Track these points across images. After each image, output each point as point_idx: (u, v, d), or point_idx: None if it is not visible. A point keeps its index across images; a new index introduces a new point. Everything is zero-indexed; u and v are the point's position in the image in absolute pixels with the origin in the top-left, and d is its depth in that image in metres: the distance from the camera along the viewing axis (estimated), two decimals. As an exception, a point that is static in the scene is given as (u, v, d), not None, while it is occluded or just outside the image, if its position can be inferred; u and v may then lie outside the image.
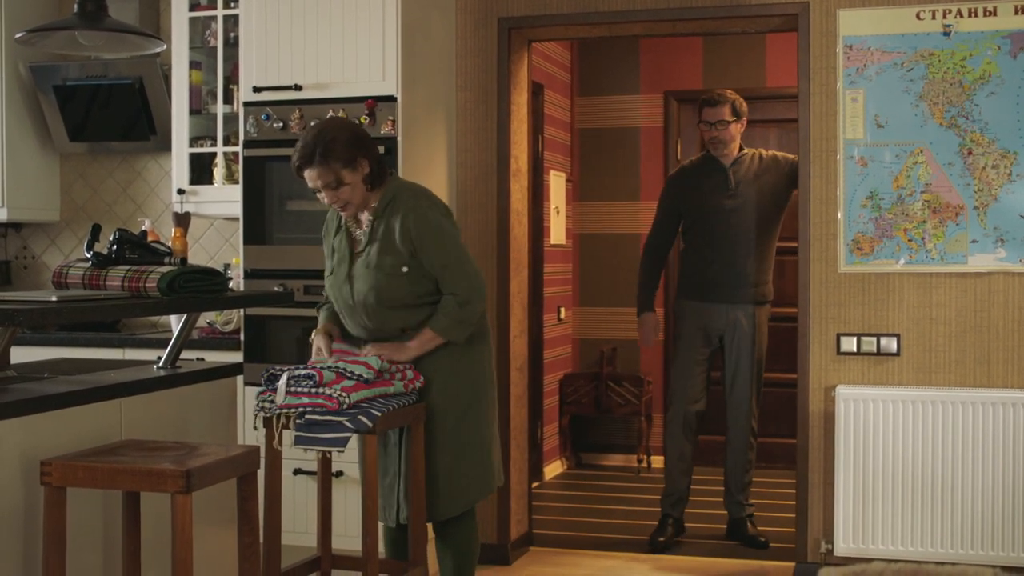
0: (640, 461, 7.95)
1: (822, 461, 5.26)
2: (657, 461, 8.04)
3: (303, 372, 3.76)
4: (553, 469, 7.81)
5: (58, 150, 6.31)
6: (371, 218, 4.10)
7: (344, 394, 3.71)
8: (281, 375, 3.80)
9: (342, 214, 4.11)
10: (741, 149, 6.06)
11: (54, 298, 3.27)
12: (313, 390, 3.72)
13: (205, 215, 5.85)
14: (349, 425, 3.71)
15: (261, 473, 3.61)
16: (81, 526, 3.31)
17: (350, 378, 3.77)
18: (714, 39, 7.96)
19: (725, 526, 6.23)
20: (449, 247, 4.04)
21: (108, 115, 6.04)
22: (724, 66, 8.00)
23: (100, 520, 3.41)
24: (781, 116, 7.93)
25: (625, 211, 8.18)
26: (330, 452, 3.87)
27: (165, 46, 4.26)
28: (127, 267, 3.65)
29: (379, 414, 3.76)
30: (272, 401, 3.78)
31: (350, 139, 4.00)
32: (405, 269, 4.02)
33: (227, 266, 5.77)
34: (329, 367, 3.80)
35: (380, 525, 4.24)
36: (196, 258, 6.04)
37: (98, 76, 5.98)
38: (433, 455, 4.06)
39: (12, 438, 3.16)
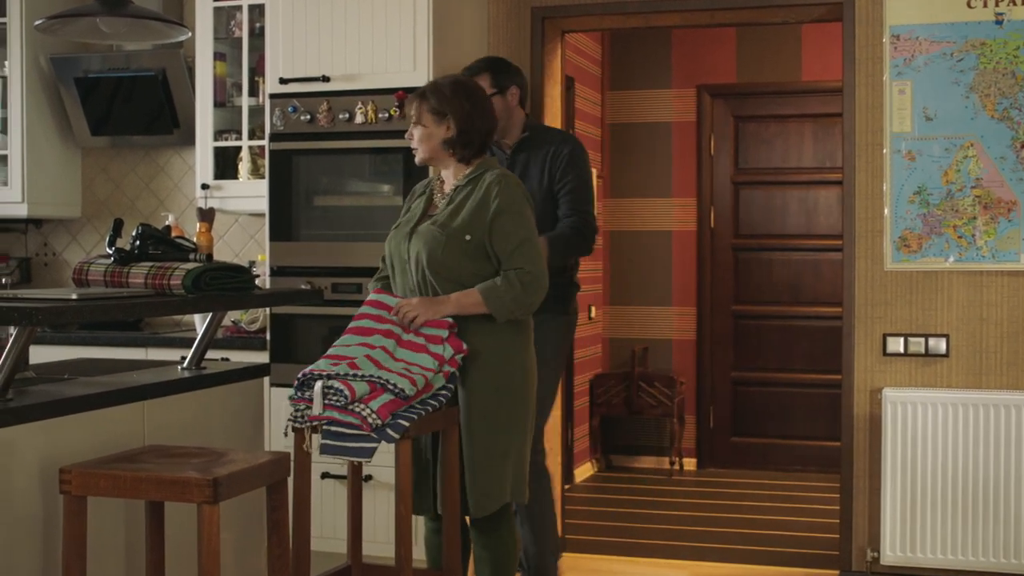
0: (672, 464, 7.77)
1: (867, 466, 5.07)
2: (690, 464, 7.88)
3: (337, 385, 3.56)
4: (583, 471, 7.64)
5: (79, 144, 6.17)
6: (456, 185, 3.98)
7: (376, 416, 3.55)
8: (315, 382, 3.62)
9: (414, 150, 4.01)
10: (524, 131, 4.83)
11: (74, 296, 3.12)
12: (347, 406, 3.56)
13: (230, 211, 5.70)
14: (375, 436, 3.57)
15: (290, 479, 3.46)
16: (102, 535, 3.16)
17: (390, 391, 3.60)
18: (748, 31, 7.77)
19: (764, 532, 6.04)
20: (529, 226, 3.89)
21: (130, 108, 5.89)
22: (758, 59, 7.82)
23: (122, 529, 3.26)
24: (817, 111, 7.75)
25: (656, 208, 8.01)
26: (357, 461, 3.71)
27: (189, 34, 4.11)
28: (150, 263, 3.49)
29: (407, 424, 3.60)
30: (309, 409, 3.62)
31: (456, 95, 3.91)
32: (468, 237, 3.85)
33: (252, 263, 5.63)
34: (364, 377, 3.59)
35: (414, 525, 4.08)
36: (221, 255, 5.88)
37: (120, 68, 5.84)
38: (472, 445, 3.89)
39: (30, 443, 3.01)
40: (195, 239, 3.76)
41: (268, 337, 5.18)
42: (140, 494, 2.78)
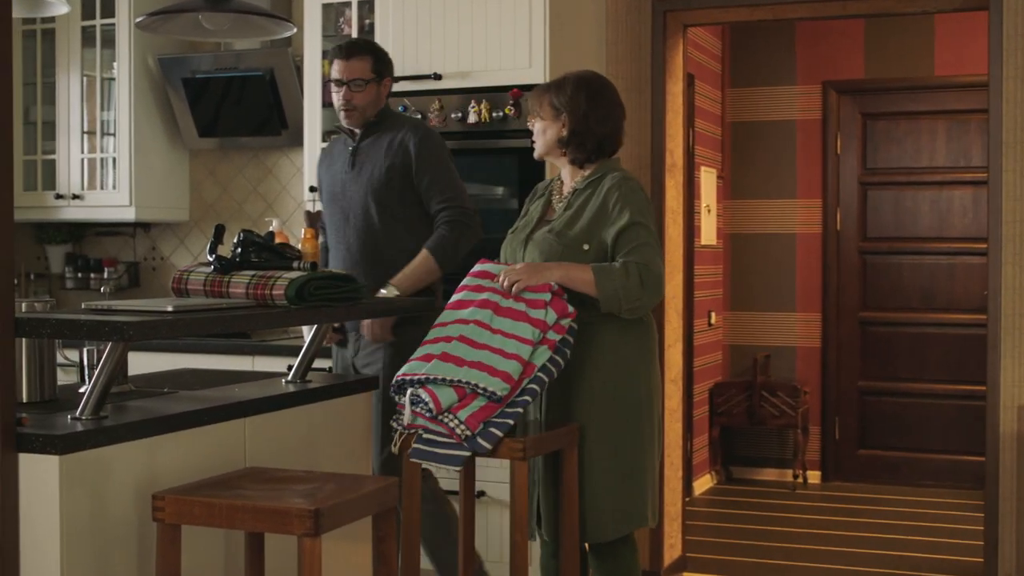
0: (796, 476, 7.45)
1: (1016, 488, 4.72)
2: (814, 477, 7.55)
3: (423, 396, 3.39)
4: (703, 484, 7.35)
5: (187, 146, 6.04)
6: (573, 188, 3.75)
7: (464, 427, 3.37)
8: (407, 388, 3.45)
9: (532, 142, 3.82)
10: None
11: (169, 308, 2.93)
12: (435, 416, 3.40)
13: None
14: (466, 446, 3.39)
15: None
16: (200, 564, 2.96)
17: (481, 395, 3.38)
18: (876, 23, 7.42)
19: (895, 553, 5.70)
20: (647, 224, 3.62)
21: (238, 109, 5.75)
22: (888, 53, 7.45)
23: (221, 558, 3.06)
24: (952, 107, 7.39)
25: (780, 209, 7.69)
26: (450, 468, 3.50)
27: (295, 29, 3.92)
28: (252, 272, 3.30)
29: (500, 435, 3.39)
30: (402, 415, 3.48)
31: (576, 93, 3.70)
32: (586, 247, 3.62)
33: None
34: (451, 382, 3.39)
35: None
36: (329, 260, 5.70)
37: (228, 68, 5.69)
38: (591, 465, 3.64)
39: (125, 464, 2.82)
40: (300, 245, 3.55)
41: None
42: (236, 524, 2.58)
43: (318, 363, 4.85)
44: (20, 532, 2.68)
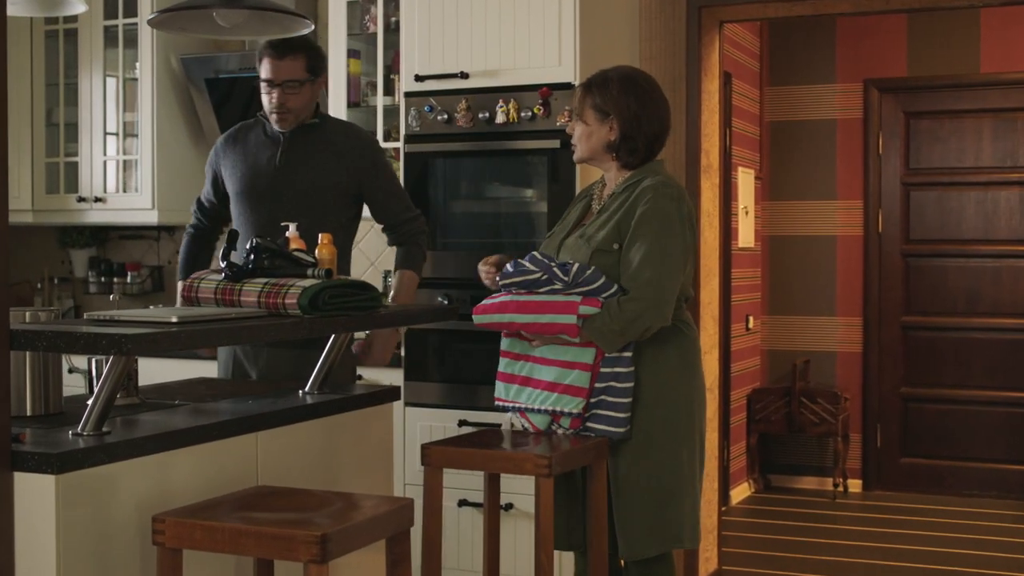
0: (836, 485, 7.25)
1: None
2: (855, 485, 7.35)
3: (521, 422, 3.64)
4: (740, 492, 7.17)
5: (211, 148, 5.90)
6: (612, 191, 3.58)
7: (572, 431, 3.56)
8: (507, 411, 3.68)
9: (573, 145, 3.65)
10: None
11: (174, 319, 2.78)
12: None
13: (364, 217, 5.35)
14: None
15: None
16: (206, 587, 2.82)
17: (567, 415, 3.52)
18: (920, 19, 7.21)
19: (940, 567, 5.51)
20: (659, 240, 3.40)
21: (261, 109, 5.60)
22: (932, 50, 7.24)
23: (229, 581, 2.92)
24: (998, 105, 7.19)
25: (819, 211, 7.50)
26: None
27: (313, 26, 3.77)
28: (265, 280, 3.15)
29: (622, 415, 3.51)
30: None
31: (625, 93, 3.53)
32: (616, 246, 3.45)
33: (387, 273, 5.30)
34: (539, 411, 3.56)
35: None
36: (356, 264, 5.55)
37: (252, 68, 5.54)
38: (624, 483, 3.49)
39: (126, 483, 2.68)
40: (317, 251, 3.41)
41: (403, 353, 4.84)
42: (239, 549, 2.43)
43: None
44: (15, 556, 2.54)
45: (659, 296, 3.38)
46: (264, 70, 4.04)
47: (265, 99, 4.09)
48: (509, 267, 3.52)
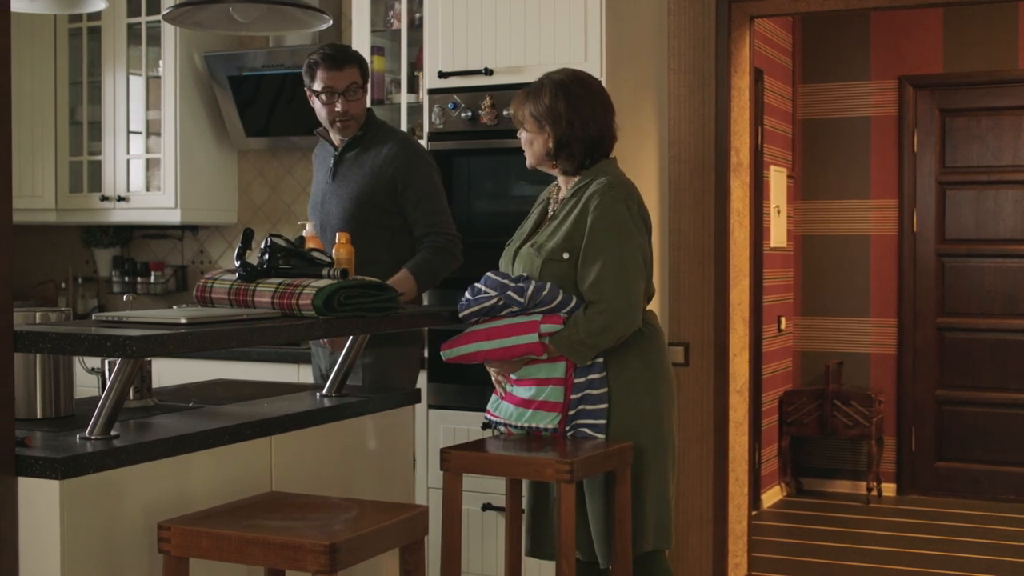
0: (870, 489, 7.13)
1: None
2: (889, 489, 7.23)
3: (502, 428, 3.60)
4: (771, 496, 7.06)
5: (235, 146, 5.86)
6: (564, 196, 3.53)
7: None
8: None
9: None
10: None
11: (183, 320, 2.71)
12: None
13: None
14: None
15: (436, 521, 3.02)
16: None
17: (545, 432, 3.51)
18: (956, 15, 7.08)
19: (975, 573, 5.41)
20: (616, 248, 3.37)
21: (286, 107, 5.55)
22: (968, 46, 7.11)
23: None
24: (1037, 102, 7.03)
25: (853, 210, 7.38)
26: None
27: (331, 21, 3.69)
28: (279, 280, 3.08)
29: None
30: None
31: (555, 99, 3.45)
32: (566, 255, 3.41)
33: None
34: (516, 427, 3.54)
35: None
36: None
37: (275, 65, 5.50)
38: (597, 491, 3.45)
39: (134, 489, 2.61)
40: (335, 251, 3.33)
41: (426, 354, 4.75)
42: (246, 558, 2.35)
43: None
44: (19, 563, 2.47)
45: (626, 303, 3.37)
46: (321, 81, 4.06)
47: (325, 110, 4.11)
48: (468, 295, 3.50)
